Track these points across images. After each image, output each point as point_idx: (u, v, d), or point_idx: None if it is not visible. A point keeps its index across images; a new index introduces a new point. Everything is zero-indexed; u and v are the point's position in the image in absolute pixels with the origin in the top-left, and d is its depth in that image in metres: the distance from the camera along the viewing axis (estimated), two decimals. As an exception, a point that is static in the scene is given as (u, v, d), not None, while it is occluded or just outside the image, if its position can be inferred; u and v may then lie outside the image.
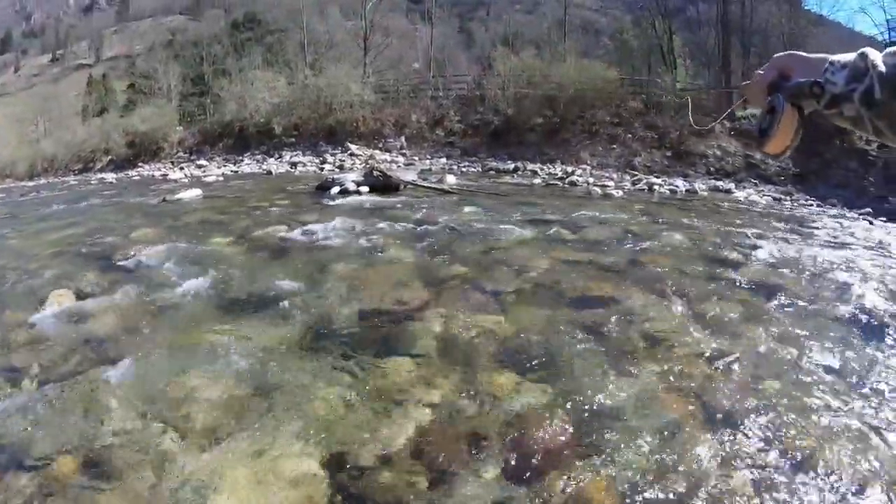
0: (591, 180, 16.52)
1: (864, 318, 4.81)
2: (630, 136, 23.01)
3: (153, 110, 32.11)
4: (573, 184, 15.62)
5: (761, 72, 1.02)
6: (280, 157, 24.37)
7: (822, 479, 2.56)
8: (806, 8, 36.71)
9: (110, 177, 22.36)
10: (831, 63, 0.87)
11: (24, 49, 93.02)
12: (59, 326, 4.28)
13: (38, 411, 3.08)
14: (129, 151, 29.46)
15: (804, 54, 0.97)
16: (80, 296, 4.94)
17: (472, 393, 3.20)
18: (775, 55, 1.03)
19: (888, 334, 4.46)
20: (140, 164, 27.25)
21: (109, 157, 30.09)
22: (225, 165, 23.23)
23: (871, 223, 12.54)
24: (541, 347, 3.79)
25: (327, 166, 20.41)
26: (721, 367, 3.61)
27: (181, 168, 23.51)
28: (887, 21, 25.34)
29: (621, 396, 3.21)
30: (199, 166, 23.64)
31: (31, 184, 27.12)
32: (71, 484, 2.51)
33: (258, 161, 23.98)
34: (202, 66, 43.37)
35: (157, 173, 22.08)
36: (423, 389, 3.23)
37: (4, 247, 7.75)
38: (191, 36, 53.54)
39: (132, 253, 6.24)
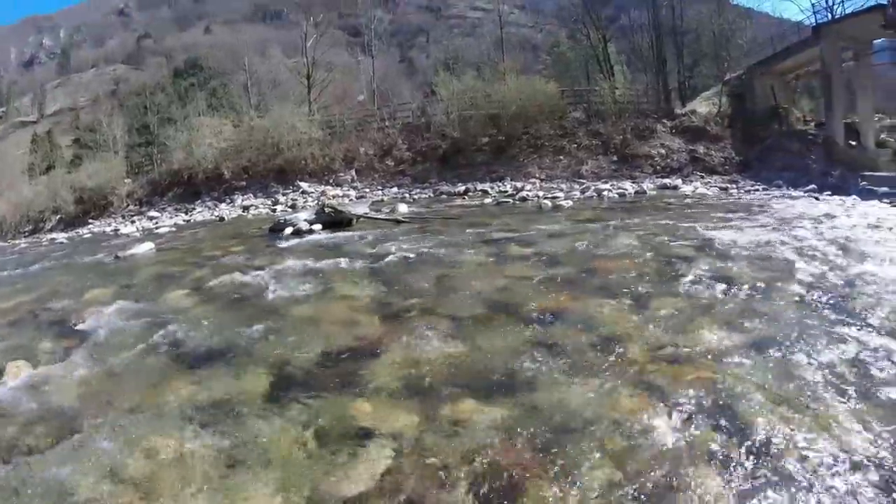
0: (540, 194, 16.79)
1: (815, 294, 5.04)
2: (575, 146, 23.51)
3: (100, 164, 31.59)
4: (524, 199, 15.86)
5: None
6: (231, 201, 24.15)
7: (789, 474, 2.62)
8: (734, 3, 38.06)
9: (61, 236, 21.75)
10: None
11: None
12: (17, 398, 4.15)
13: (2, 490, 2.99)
14: (79, 208, 28.78)
15: None
16: (37, 365, 4.81)
17: (435, 424, 3.22)
18: None
19: (839, 306, 4.67)
20: (90, 220, 26.64)
21: (59, 215, 29.32)
22: (177, 215, 22.91)
23: (816, 199, 13.09)
24: (501, 369, 3.83)
25: (279, 207, 20.32)
26: (680, 365, 3.71)
27: (132, 221, 23.07)
28: (812, 5, 26.42)
29: (584, 408, 3.26)
30: (151, 218, 23.27)
31: (-22, 250, 26.26)
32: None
33: (209, 208, 23.72)
34: (147, 115, 42.83)
35: (107, 229, 21.60)
36: (386, 426, 3.22)
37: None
38: (133, 85, 52.89)
39: (86, 316, 6.08)
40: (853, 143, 20.98)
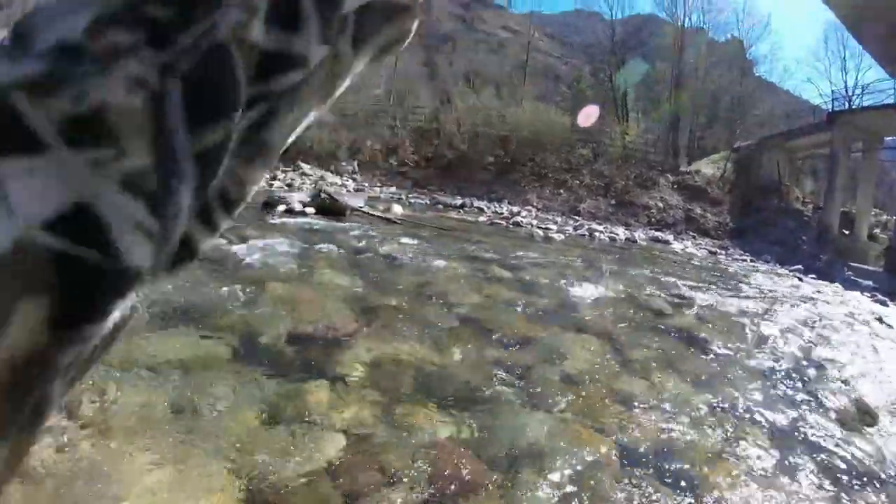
0: (534, 222, 16.89)
1: (780, 368, 5.18)
2: (577, 182, 23.71)
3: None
4: (517, 224, 15.95)
5: None
6: (228, 168, 24.06)
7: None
8: (757, 75, 38.72)
9: None
10: None
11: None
12: None
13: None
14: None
15: None
16: None
17: (390, 422, 3.26)
18: None
19: (800, 383, 4.80)
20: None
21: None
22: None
23: (800, 279, 13.28)
24: (463, 383, 3.89)
25: (276, 183, 20.22)
26: (638, 410, 3.79)
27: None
28: (832, 92, 27.13)
29: (538, 434, 3.32)
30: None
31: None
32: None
33: (206, 170, 23.59)
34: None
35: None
36: (342, 415, 3.26)
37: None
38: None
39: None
40: (846, 231, 21.38)
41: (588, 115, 28.51)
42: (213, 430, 2.99)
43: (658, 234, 19.60)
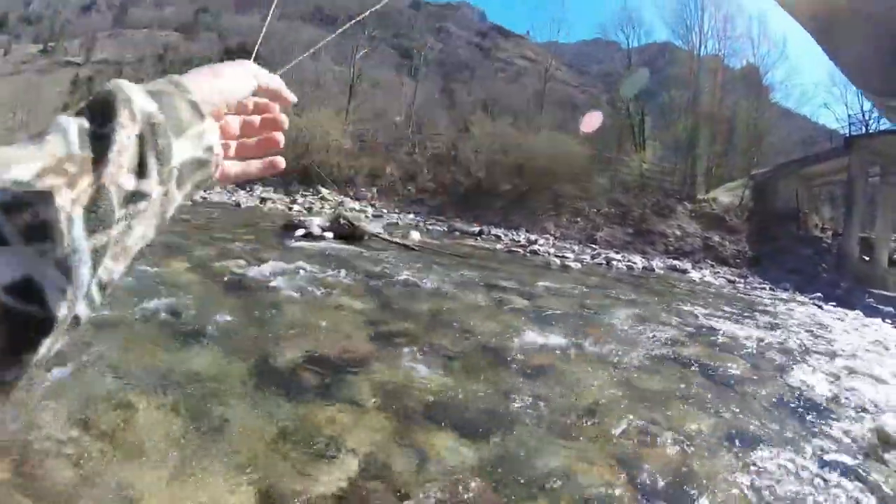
0: (551, 250, 16.87)
1: (799, 397, 5.10)
2: (594, 210, 23.70)
3: (133, 122, 32.06)
4: (534, 252, 15.95)
5: None
6: (251, 190, 24.38)
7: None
8: (773, 101, 38.64)
9: None
10: None
11: (17, 34, 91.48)
12: None
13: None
14: (103, 158, 29.22)
15: None
16: None
17: (404, 447, 3.26)
18: None
19: (820, 412, 4.73)
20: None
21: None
22: (194, 191, 23.10)
23: (820, 308, 13.08)
24: (478, 409, 3.88)
25: (296, 206, 20.50)
26: (654, 441, 3.76)
27: (150, 188, 23.25)
28: (849, 116, 27.02)
29: (553, 463, 3.30)
30: (170, 189, 23.43)
31: None
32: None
33: (228, 191, 23.92)
34: (189, 86, 43.50)
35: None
36: (356, 438, 3.27)
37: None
38: (183, 54, 53.71)
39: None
40: (866, 257, 21.08)
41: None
42: (229, 448, 3.01)
43: (676, 262, 19.45)
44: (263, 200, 21.52)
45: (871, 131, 23.83)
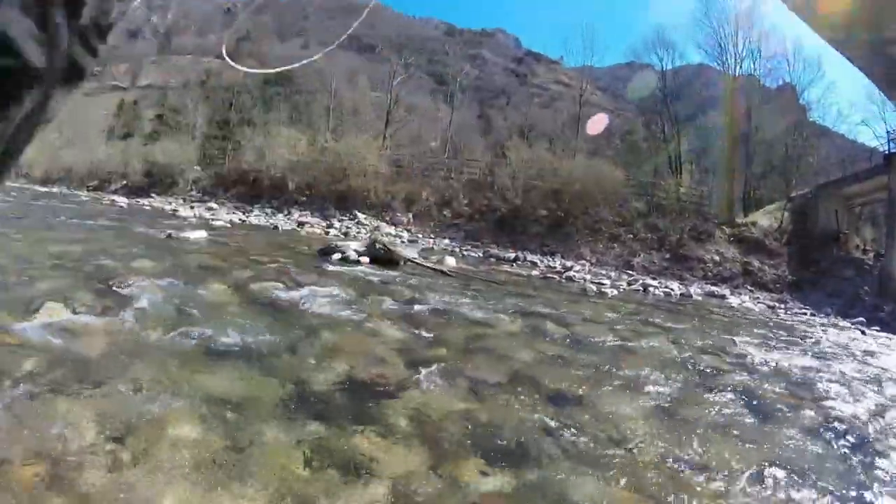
0: (587, 277, 16.72)
1: (842, 429, 4.91)
2: (631, 236, 23.46)
3: (175, 145, 33.36)
4: (570, 279, 15.82)
5: None
6: (289, 213, 24.84)
7: None
8: (811, 120, 37.93)
9: (122, 200, 22.71)
10: None
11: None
12: (47, 337, 4.38)
13: (10, 414, 3.15)
14: (145, 180, 30.30)
15: None
16: (74, 312, 5.05)
17: (435, 474, 3.24)
18: None
19: (864, 445, 4.54)
20: (153, 194, 27.76)
21: (125, 181, 30.83)
22: (234, 213, 23.64)
23: (863, 333, 12.70)
24: (511, 439, 3.84)
25: (333, 231, 20.77)
26: (690, 474, 3.66)
27: (191, 207, 23.88)
28: (888, 133, 26.30)
29: (585, 495, 3.24)
30: (209, 209, 24.04)
31: (43, 189, 27.47)
32: (27, 493, 2.54)
33: (266, 214, 24.42)
34: (229, 111, 45.02)
35: (167, 207, 22.45)
36: (386, 466, 3.26)
37: (8, 248, 7.95)
38: (224, 81, 55.48)
39: (130, 282, 6.40)
40: None
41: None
42: (260, 470, 3.04)
43: (714, 288, 19.05)
44: (301, 224, 21.87)
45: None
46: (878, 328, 13.80)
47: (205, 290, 6.82)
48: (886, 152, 23.27)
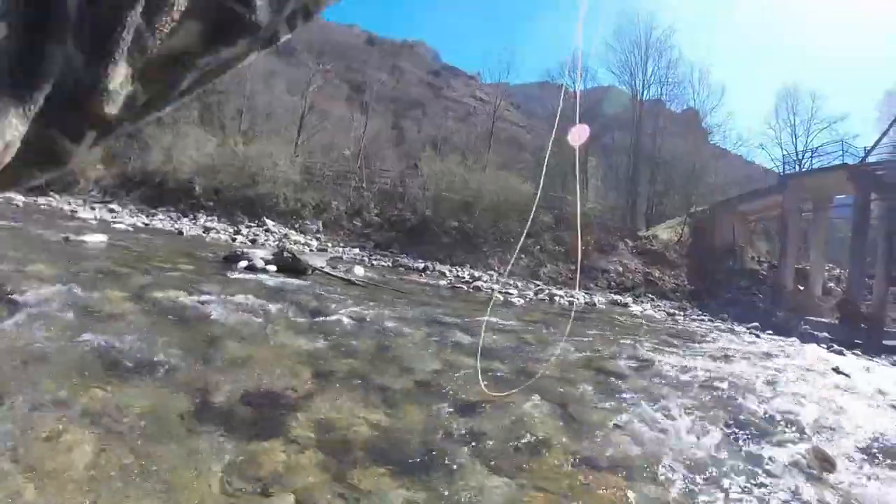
0: (495, 287, 17.04)
1: (739, 422, 5.34)
2: (538, 247, 24.16)
3: (78, 140, 31.05)
4: (478, 289, 16.11)
5: None
6: (195, 218, 23.90)
7: None
8: (712, 143, 40.85)
9: (18, 198, 21.04)
10: None
11: None
12: None
13: None
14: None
15: None
16: None
17: (344, 486, 3.24)
18: None
19: (760, 435, 4.96)
20: (51, 192, 25.89)
21: (21, 177, 28.50)
22: (137, 215, 22.42)
23: (757, 336, 13.66)
24: (420, 448, 3.90)
25: (240, 238, 20.17)
26: (597, 474, 3.85)
27: (92, 208, 22.34)
28: (783, 156, 29.05)
29: (496, 500, 3.34)
30: (111, 210, 22.65)
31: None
32: None
33: (171, 218, 23.38)
34: (135, 106, 42.47)
35: (66, 207, 20.94)
36: (294, 479, 3.23)
37: None
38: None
39: (24, 288, 6.04)
40: (801, 287, 22.21)
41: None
42: (161, 486, 2.96)
43: (617, 297, 19.99)
44: (207, 230, 21.10)
45: (803, 170, 25.36)
46: (771, 332, 14.96)
47: (105, 298, 6.51)
48: (781, 174, 25.40)
